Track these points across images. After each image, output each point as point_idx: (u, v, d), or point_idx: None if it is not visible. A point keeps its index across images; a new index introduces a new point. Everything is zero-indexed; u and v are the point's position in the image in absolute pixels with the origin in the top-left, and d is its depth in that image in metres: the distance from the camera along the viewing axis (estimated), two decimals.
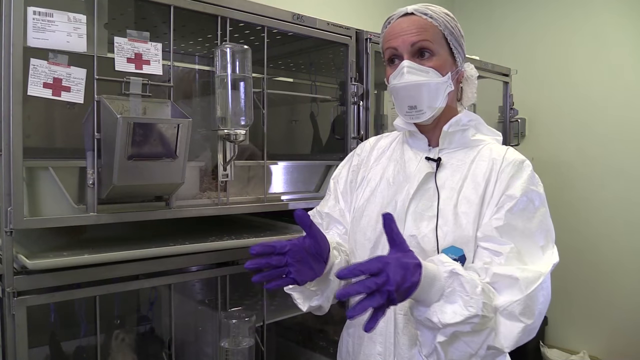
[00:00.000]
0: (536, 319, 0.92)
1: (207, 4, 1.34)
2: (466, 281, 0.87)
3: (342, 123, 1.79)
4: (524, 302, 0.91)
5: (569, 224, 2.94)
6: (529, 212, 0.99)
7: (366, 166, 1.21)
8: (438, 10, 1.07)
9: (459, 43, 1.09)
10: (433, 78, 1.05)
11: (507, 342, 0.91)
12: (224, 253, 1.41)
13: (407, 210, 1.06)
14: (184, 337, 1.58)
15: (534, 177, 1.04)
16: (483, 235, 0.99)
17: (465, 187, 1.04)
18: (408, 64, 1.04)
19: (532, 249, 0.98)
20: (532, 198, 1.01)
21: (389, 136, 1.25)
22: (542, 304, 0.93)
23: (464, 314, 0.85)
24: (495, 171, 1.03)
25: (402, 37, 1.05)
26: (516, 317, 0.91)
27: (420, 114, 1.07)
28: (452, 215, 1.02)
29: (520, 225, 0.98)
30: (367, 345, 1.10)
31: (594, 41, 2.88)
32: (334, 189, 1.24)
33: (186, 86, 1.87)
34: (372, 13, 2.81)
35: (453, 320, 0.85)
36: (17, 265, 1.11)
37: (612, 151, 2.83)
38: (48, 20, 1.08)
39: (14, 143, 1.06)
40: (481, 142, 1.11)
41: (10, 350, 1.07)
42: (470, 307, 0.85)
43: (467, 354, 0.90)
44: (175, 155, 1.17)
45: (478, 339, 0.89)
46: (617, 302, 2.83)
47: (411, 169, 1.11)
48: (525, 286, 0.91)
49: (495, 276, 0.94)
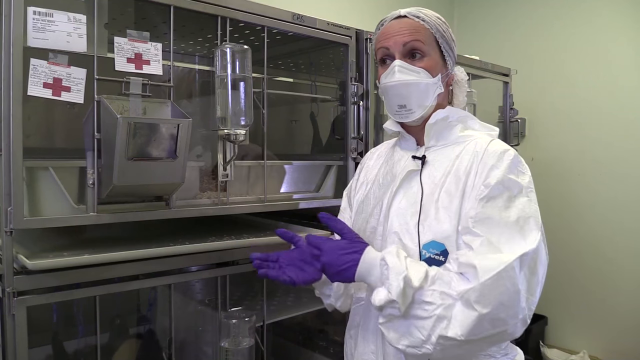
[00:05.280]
0: (495, 308, 0.89)
1: (207, 4, 1.34)
2: (389, 268, 0.93)
3: (342, 123, 1.79)
4: (479, 290, 0.89)
5: (569, 224, 2.94)
6: (504, 201, 0.97)
7: (366, 172, 1.26)
8: (430, 14, 1.09)
9: (450, 47, 1.11)
10: (423, 78, 1.06)
11: (462, 329, 0.89)
12: (224, 253, 1.41)
13: (390, 208, 1.08)
14: (184, 337, 1.58)
15: (515, 166, 1.01)
16: (462, 228, 0.99)
17: (448, 182, 1.03)
18: (399, 64, 1.06)
19: (512, 237, 0.94)
20: (509, 186, 0.98)
21: (389, 142, 1.28)
22: (502, 294, 0.89)
23: (386, 297, 0.91)
24: (476, 163, 1.02)
25: (394, 38, 1.07)
26: (471, 305, 0.89)
27: (409, 113, 1.08)
28: (433, 210, 1.02)
29: (495, 214, 0.96)
30: (363, 345, 1.12)
31: (594, 41, 2.88)
32: (344, 201, 1.30)
33: (186, 86, 1.87)
34: (372, 13, 2.80)
35: (378, 303, 0.92)
36: (17, 265, 1.11)
37: (612, 151, 2.83)
38: (48, 20, 1.08)
39: (14, 143, 1.06)
40: (469, 137, 1.09)
41: (10, 350, 1.07)
42: (389, 293, 0.91)
43: (419, 339, 0.91)
44: (175, 155, 1.17)
45: (426, 324, 0.90)
46: (617, 302, 2.82)
47: (398, 168, 1.13)
48: (482, 274, 0.90)
49: (460, 266, 0.94)
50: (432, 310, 0.91)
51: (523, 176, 1.01)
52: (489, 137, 1.09)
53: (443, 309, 0.90)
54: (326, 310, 1.26)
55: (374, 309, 0.96)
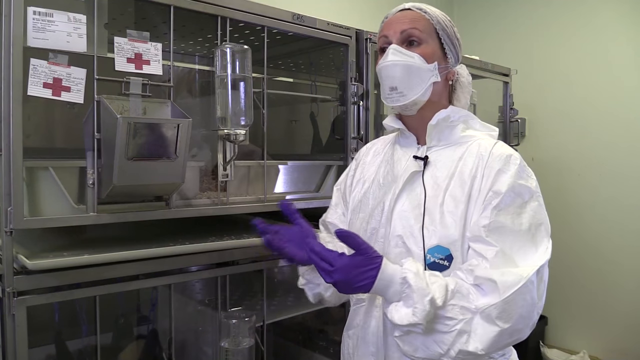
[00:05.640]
0: (515, 322, 0.91)
1: (207, 4, 1.34)
2: (412, 289, 0.91)
3: (342, 123, 1.79)
4: (501, 307, 0.90)
5: (569, 224, 2.94)
6: (517, 208, 0.97)
7: (362, 168, 1.23)
8: (435, 10, 1.11)
9: (452, 42, 1.10)
10: (416, 62, 1.06)
11: (483, 344, 0.90)
12: (224, 253, 1.41)
13: (393, 210, 1.07)
14: (184, 337, 1.58)
15: (522, 170, 1.00)
16: (472, 235, 0.98)
17: (452, 185, 1.03)
18: (394, 47, 1.07)
19: (524, 246, 0.96)
20: (520, 192, 0.98)
21: (386, 138, 1.26)
22: (522, 307, 0.91)
23: (410, 320, 0.90)
24: (482, 167, 1.01)
25: (393, 26, 1.09)
26: (492, 320, 0.90)
27: (400, 96, 1.06)
28: (438, 214, 1.01)
29: (508, 222, 0.96)
30: (362, 346, 1.12)
31: (594, 41, 2.88)
32: (335, 196, 1.28)
33: (186, 86, 1.87)
34: (372, 13, 2.80)
35: (400, 322, 0.91)
36: (17, 265, 1.11)
37: (612, 151, 2.83)
38: (48, 20, 1.08)
39: (14, 143, 1.06)
40: (471, 138, 1.09)
41: (10, 350, 1.07)
42: (414, 315, 0.89)
43: (437, 353, 0.91)
44: (175, 155, 1.17)
45: (446, 339, 0.91)
46: (617, 302, 2.83)
47: (399, 168, 1.12)
48: (504, 290, 0.90)
49: (477, 279, 0.94)
50: (452, 326, 0.91)
51: (531, 180, 1.01)
52: (491, 138, 1.09)
53: (464, 324, 0.91)
54: (326, 310, 1.26)
55: (390, 322, 0.94)
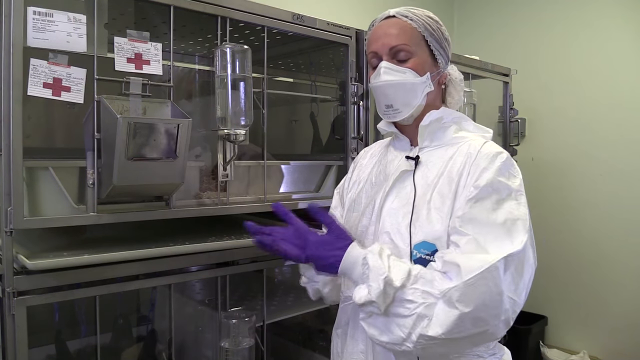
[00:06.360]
0: (476, 307, 0.89)
1: (207, 4, 1.34)
2: (370, 268, 0.94)
3: (342, 123, 1.79)
4: (462, 289, 0.89)
5: (569, 224, 2.94)
6: (493, 203, 0.97)
7: (359, 170, 1.26)
8: (420, 13, 1.10)
9: (441, 45, 1.10)
10: (409, 78, 1.07)
11: (443, 328, 0.89)
12: (224, 253, 1.41)
13: (383, 208, 1.08)
14: (184, 338, 1.58)
15: (506, 168, 1.00)
16: (451, 228, 0.99)
17: (441, 183, 1.04)
18: (385, 65, 1.07)
19: (499, 237, 0.94)
20: (498, 189, 0.98)
21: (383, 141, 1.28)
22: (485, 293, 0.89)
23: (366, 298, 0.92)
24: (469, 164, 1.02)
25: (381, 41, 1.09)
26: (453, 303, 0.89)
27: (396, 113, 1.09)
28: (425, 210, 1.02)
29: (483, 215, 0.95)
30: (351, 344, 1.12)
31: (594, 41, 2.88)
32: (335, 199, 1.30)
33: (186, 86, 1.87)
34: (372, 13, 2.79)
35: (359, 301, 0.94)
36: (17, 265, 1.11)
37: (612, 151, 2.83)
38: (48, 20, 1.08)
39: (14, 143, 1.06)
40: (463, 139, 1.09)
41: (10, 350, 1.07)
42: (369, 294, 0.92)
43: (399, 337, 0.92)
44: (175, 155, 1.17)
45: (407, 322, 0.91)
46: (617, 302, 2.83)
47: (391, 168, 1.14)
48: (466, 273, 0.89)
49: (444, 264, 0.94)
50: (413, 309, 0.91)
51: (514, 179, 1.00)
52: (482, 139, 1.09)
53: (424, 308, 0.90)
54: (326, 310, 1.26)
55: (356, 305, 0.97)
